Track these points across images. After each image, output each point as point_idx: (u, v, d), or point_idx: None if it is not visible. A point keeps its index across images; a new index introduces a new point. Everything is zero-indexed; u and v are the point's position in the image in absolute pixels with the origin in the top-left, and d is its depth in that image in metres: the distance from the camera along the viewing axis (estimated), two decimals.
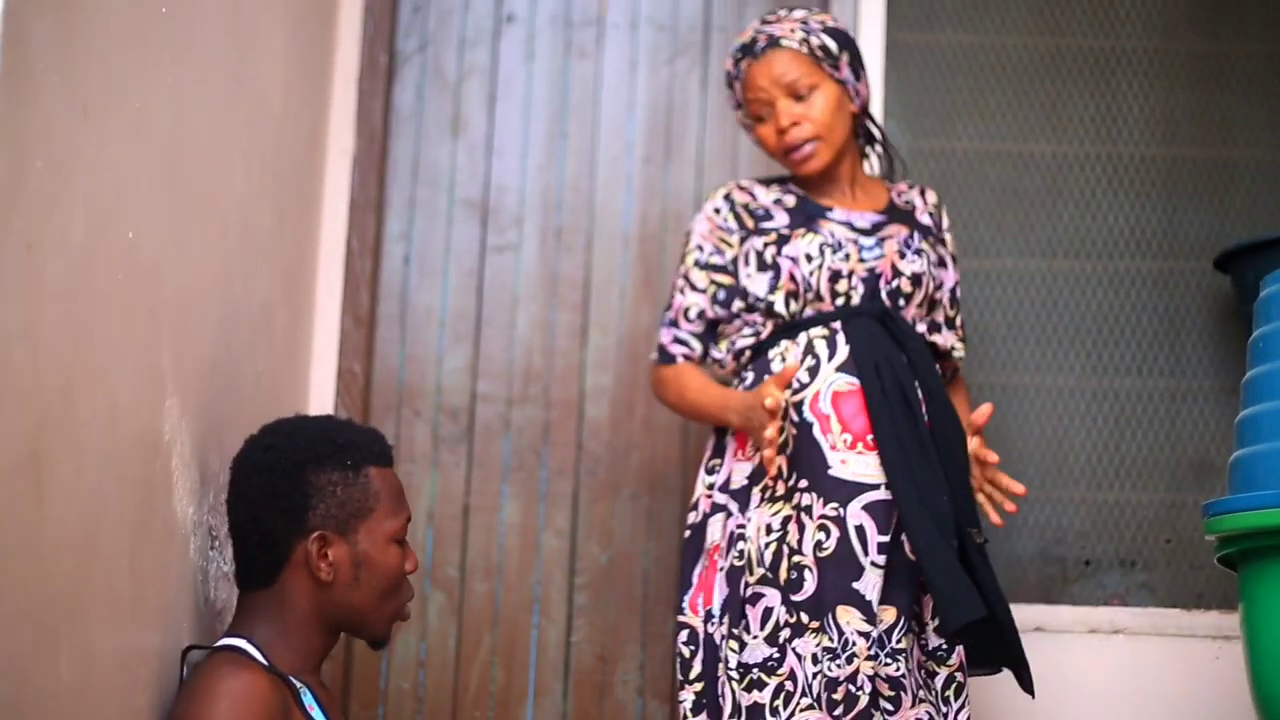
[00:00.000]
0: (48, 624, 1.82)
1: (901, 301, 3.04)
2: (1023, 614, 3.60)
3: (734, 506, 2.99)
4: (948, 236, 3.25)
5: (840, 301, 3.01)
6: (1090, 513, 3.79)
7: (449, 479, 3.89)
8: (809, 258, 3.01)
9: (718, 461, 3.10)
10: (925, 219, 3.21)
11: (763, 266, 3.06)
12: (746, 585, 2.90)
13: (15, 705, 1.70)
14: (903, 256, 3.05)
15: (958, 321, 3.21)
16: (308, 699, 2.36)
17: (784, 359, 3.00)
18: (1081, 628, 3.64)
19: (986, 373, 3.82)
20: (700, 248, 3.16)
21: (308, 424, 2.53)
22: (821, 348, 2.97)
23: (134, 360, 2.16)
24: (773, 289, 3.04)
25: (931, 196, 3.28)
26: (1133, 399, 3.82)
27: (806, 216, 3.11)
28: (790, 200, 3.16)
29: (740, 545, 2.93)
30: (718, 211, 3.16)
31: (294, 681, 2.35)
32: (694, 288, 3.15)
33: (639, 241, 3.98)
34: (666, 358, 3.19)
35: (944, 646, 2.92)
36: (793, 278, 3.02)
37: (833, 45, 3.10)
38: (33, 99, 1.70)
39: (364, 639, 2.52)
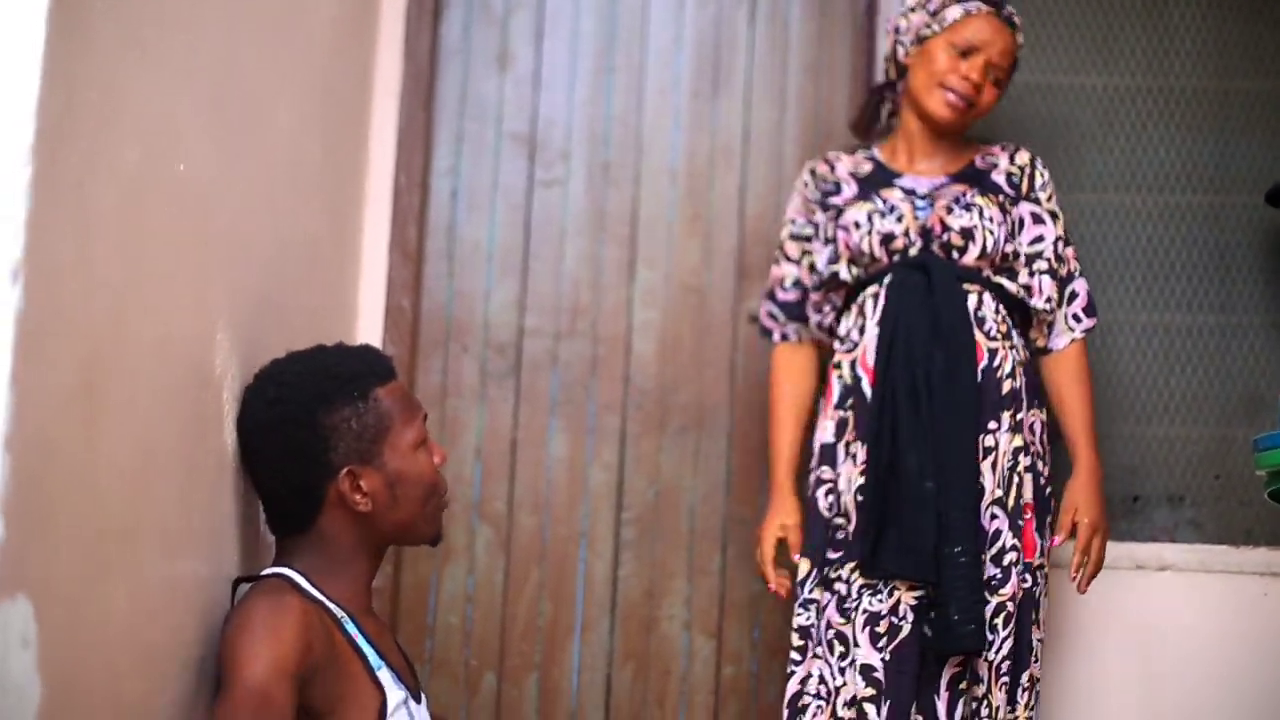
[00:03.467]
0: (102, 553, 1.83)
1: (956, 254, 3.12)
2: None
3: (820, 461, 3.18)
4: (1041, 195, 3.28)
5: (897, 259, 3.14)
6: (1138, 448, 3.77)
7: (496, 414, 3.89)
8: (857, 225, 3.16)
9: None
10: (1000, 178, 3.26)
11: (826, 240, 3.26)
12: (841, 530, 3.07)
13: (71, 631, 1.72)
14: (950, 211, 3.13)
15: (1054, 278, 3.23)
16: (350, 627, 2.37)
17: (849, 327, 3.18)
18: (1129, 564, 3.63)
19: None
20: (793, 220, 3.37)
21: (304, 366, 2.49)
22: (869, 306, 3.14)
23: (185, 293, 2.17)
24: (834, 259, 3.21)
25: (1022, 157, 3.32)
26: (1182, 334, 3.80)
27: (870, 186, 3.26)
28: (866, 168, 3.33)
29: (830, 498, 3.12)
30: (805, 185, 3.36)
31: (335, 610, 2.36)
32: (788, 258, 3.36)
33: (686, 176, 3.96)
34: (763, 332, 3.44)
35: (997, 576, 2.95)
36: (847, 245, 3.18)
37: (1016, 61, 3.27)
38: (83, 32, 1.70)
39: (416, 544, 2.54)
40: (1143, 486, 3.76)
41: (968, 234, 3.11)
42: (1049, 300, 3.19)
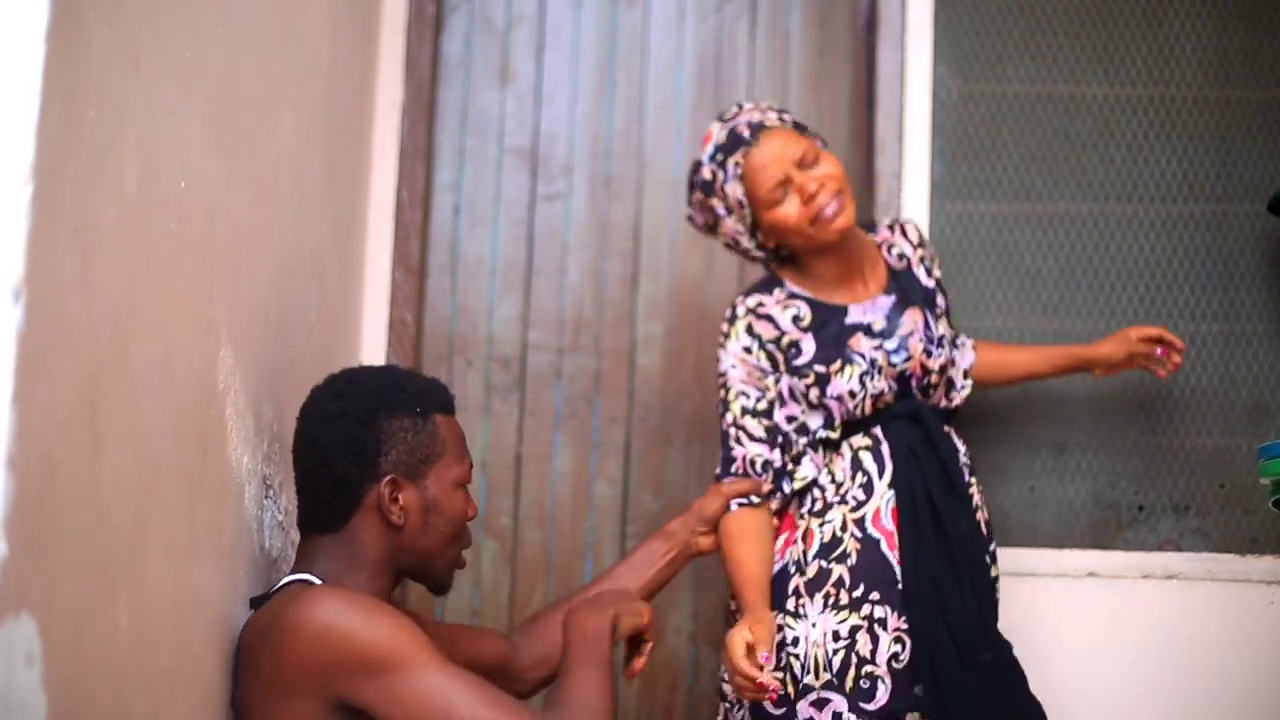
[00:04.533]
0: (106, 571, 1.83)
1: (930, 390, 3.12)
2: (1076, 559, 3.60)
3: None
4: (934, 265, 3.30)
5: (880, 406, 3.07)
6: (1143, 457, 3.77)
7: (501, 428, 3.90)
8: (852, 394, 3.04)
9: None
10: (921, 273, 3.23)
11: (811, 406, 3.07)
12: (806, 687, 2.92)
13: (76, 649, 1.72)
14: (929, 355, 3.09)
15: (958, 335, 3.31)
16: None
17: (834, 476, 3.06)
18: (1135, 573, 3.63)
19: (1038, 318, 3.81)
20: (745, 394, 3.07)
21: (376, 373, 2.58)
22: (869, 461, 3.04)
23: (188, 310, 2.17)
24: (827, 424, 3.08)
25: (912, 232, 3.30)
26: (1187, 343, 3.79)
27: (832, 339, 3.07)
28: (805, 314, 3.10)
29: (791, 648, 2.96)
30: (748, 351, 3.07)
31: None
32: (752, 438, 3.06)
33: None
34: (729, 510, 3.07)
35: None
36: (843, 412, 3.06)
37: (805, 125, 3.16)
38: (84, 48, 1.71)
39: (427, 585, 2.56)
40: (1148, 495, 3.75)
41: (943, 370, 3.12)
42: (965, 376, 3.25)
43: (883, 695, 2.88)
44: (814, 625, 2.94)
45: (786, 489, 3.05)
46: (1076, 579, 3.63)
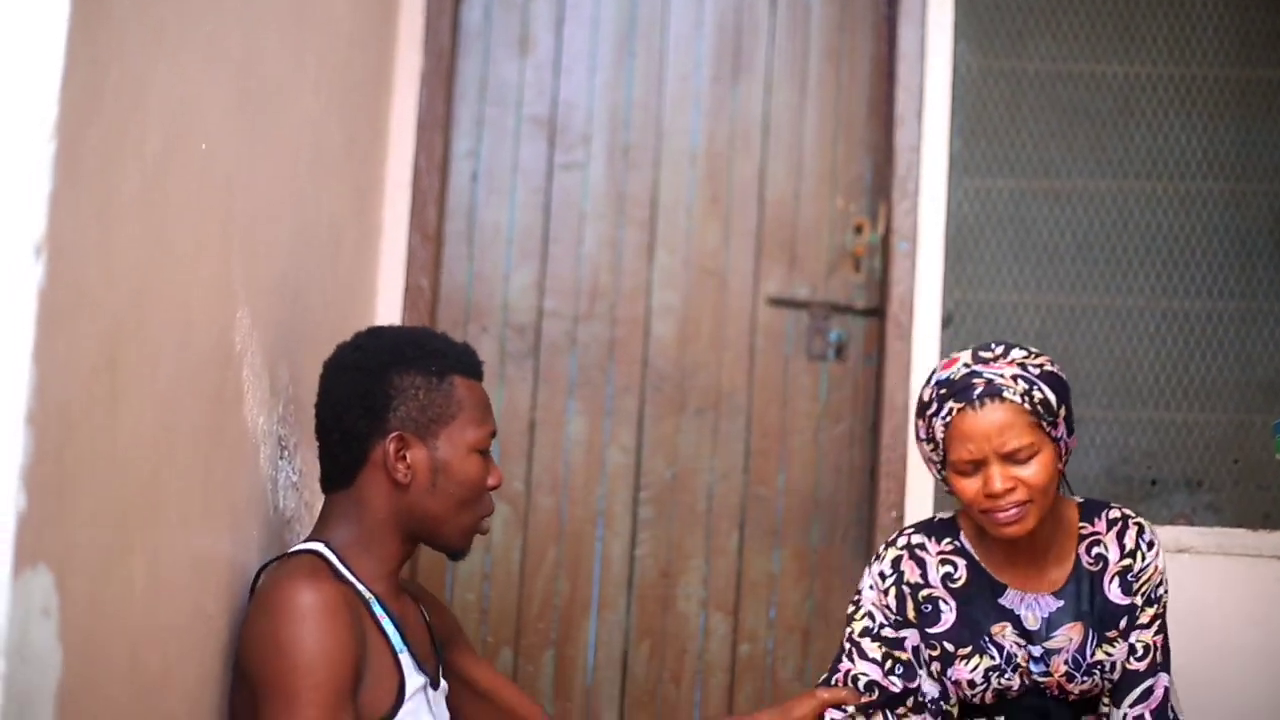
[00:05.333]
0: (123, 526, 1.86)
1: (1070, 696, 2.77)
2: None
3: None
4: (1142, 584, 2.75)
5: (1007, 697, 2.76)
6: (1158, 433, 3.78)
7: (515, 394, 3.92)
8: (972, 684, 2.73)
9: None
10: (1113, 587, 2.74)
11: (930, 677, 2.79)
12: None
13: (92, 602, 1.75)
14: (1070, 679, 2.71)
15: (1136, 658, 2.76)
16: (377, 608, 2.38)
17: None
18: None
19: (1055, 293, 3.81)
20: (872, 615, 2.80)
21: (401, 331, 2.55)
22: None
23: (206, 272, 2.19)
24: (943, 698, 2.79)
25: (1130, 538, 2.76)
26: (1202, 320, 3.80)
27: (976, 618, 2.74)
28: (961, 576, 2.77)
29: None
30: (884, 579, 2.80)
31: (364, 591, 2.37)
32: (865, 657, 2.79)
33: (706, 159, 3.98)
34: None
35: None
36: (956, 695, 2.76)
37: (1053, 400, 2.62)
38: (106, 12, 1.72)
39: (440, 549, 2.51)
40: (1161, 470, 3.76)
41: (1085, 692, 2.73)
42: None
43: None
44: None
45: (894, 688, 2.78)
46: None
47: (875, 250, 3.92)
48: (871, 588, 2.81)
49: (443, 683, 2.53)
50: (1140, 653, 2.73)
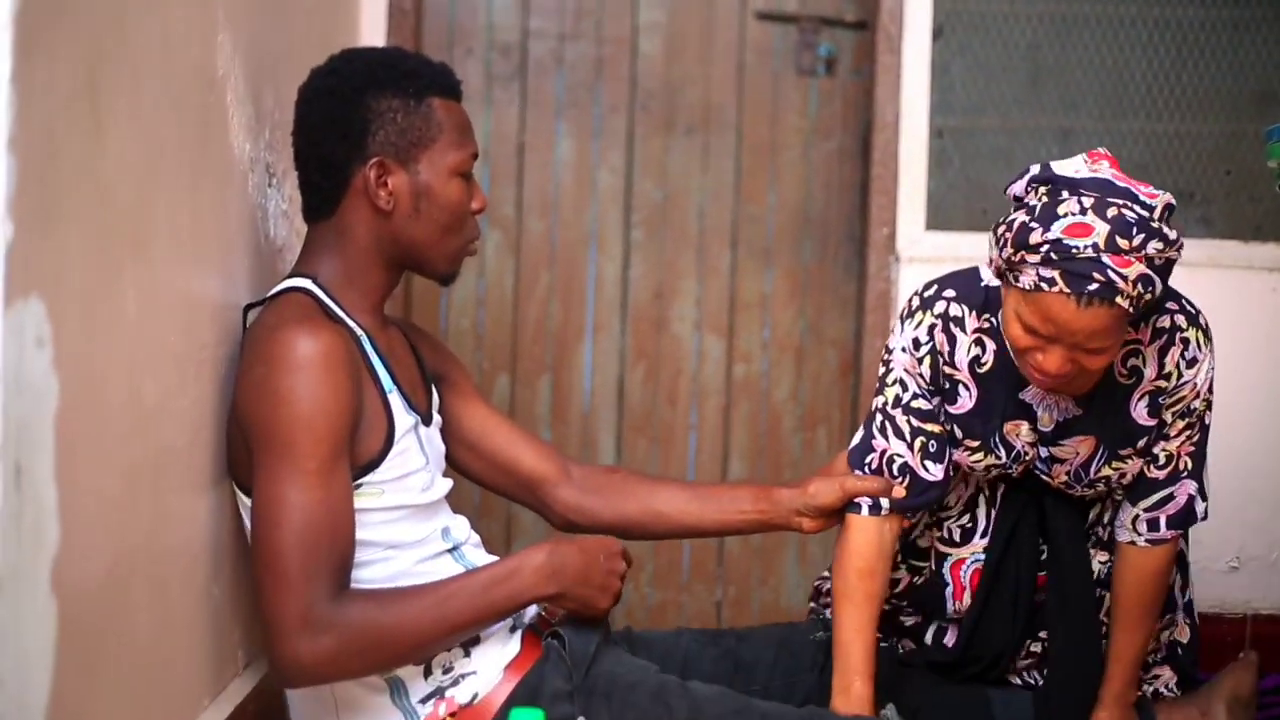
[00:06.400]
0: (112, 253, 1.84)
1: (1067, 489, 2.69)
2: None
3: None
4: (1181, 405, 2.58)
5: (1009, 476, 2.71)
6: (1149, 144, 3.75)
7: (502, 117, 3.87)
8: (972, 469, 2.66)
9: None
10: (1140, 408, 2.57)
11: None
12: None
13: (86, 331, 1.74)
14: (1069, 487, 2.65)
15: (1158, 466, 2.64)
16: (368, 345, 2.36)
17: (955, 508, 2.77)
18: None
19: (1047, 1, 3.75)
20: (903, 384, 2.64)
21: (373, 53, 2.47)
22: (981, 512, 2.74)
23: None
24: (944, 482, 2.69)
25: (1172, 356, 2.54)
26: (1194, 27, 3.74)
27: (991, 410, 2.60)
28: (989, 360, 2.59)
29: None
30: (918, 347, 2.61)
31: (355, 328, 2.36)
32: (898, 433, 2.65)
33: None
34: (853, 506, 2.68)
35: None
36: (958, 464, 2.66)
37: (1159, 291, 2.33)
38: None
39: (428, 275, 2.48)
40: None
41: (1084, 496, 2.69)
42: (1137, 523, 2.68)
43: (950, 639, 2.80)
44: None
45: (917, 502, 2.67)
46: None
47: None
48: (904, 350, 2.63)
49: (436, 418, 2.53)
50: (1162, 461, 2.61)
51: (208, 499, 2.31)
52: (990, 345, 2.58)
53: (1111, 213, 2.28)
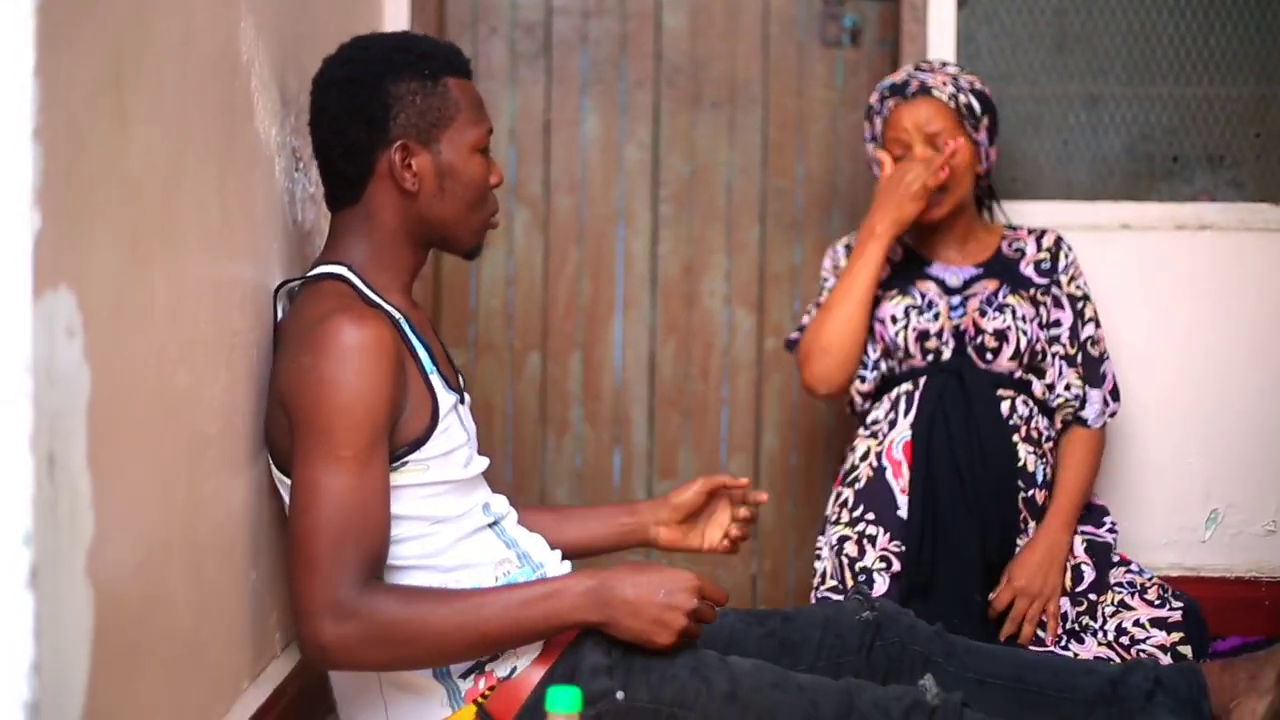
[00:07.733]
0: (140, 242, 1.84)
1: (990, 356, 3.15)
2: (1110, 212, 3.61)
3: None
4: (1063, 278, 3.27)
5: (930, 358, 3.16)
6: (1178, 108, 3.73)
7: (528, 95, 3.87)
8: (894, 319, 3.19)
9: None
10: (1029, 269, 3.28)
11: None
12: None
13: (116, 320, 1.74)
14: (983, 314, 3.16)
15: (1073, 364, 3.22)
16: (407, 328, 2.37)
17: (878, 417, 3.18)
18: (1168, 224, 3.63)
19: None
20: (827, 280, 3.36)
21: (384, 38, 2.51)
22: (903, 402, 3.13)
23: None
24: (875, 364, 3.23)
25: (1048, 240, 3.31)
26: None
27: (904, 275, 3.28)
28: (897, 252, 3.32)
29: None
30: (838, 254, 3.37)
31: (394, 312, 2.37)
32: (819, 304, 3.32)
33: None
34: (789, 344, 3.38)
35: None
36: (883, 338, 3.19)
37: (977, 107, 3.22)
38: None
39: (455, 252, 2.53)
40: (1182, 146, 3.73)
41: (1001, 336, 3.14)
42: (1069, 388, 3.20)
43: (881, 588, 2.98)
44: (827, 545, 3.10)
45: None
46: (1110, 231, 3.63)
47: None
48: (829, 257, 3.37)
49: (467, 396, 2.55)
50: (1064, 337, 3.21)
51: (243, 483, 2.32)
52: (898, 247, 3.31)
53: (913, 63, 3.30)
